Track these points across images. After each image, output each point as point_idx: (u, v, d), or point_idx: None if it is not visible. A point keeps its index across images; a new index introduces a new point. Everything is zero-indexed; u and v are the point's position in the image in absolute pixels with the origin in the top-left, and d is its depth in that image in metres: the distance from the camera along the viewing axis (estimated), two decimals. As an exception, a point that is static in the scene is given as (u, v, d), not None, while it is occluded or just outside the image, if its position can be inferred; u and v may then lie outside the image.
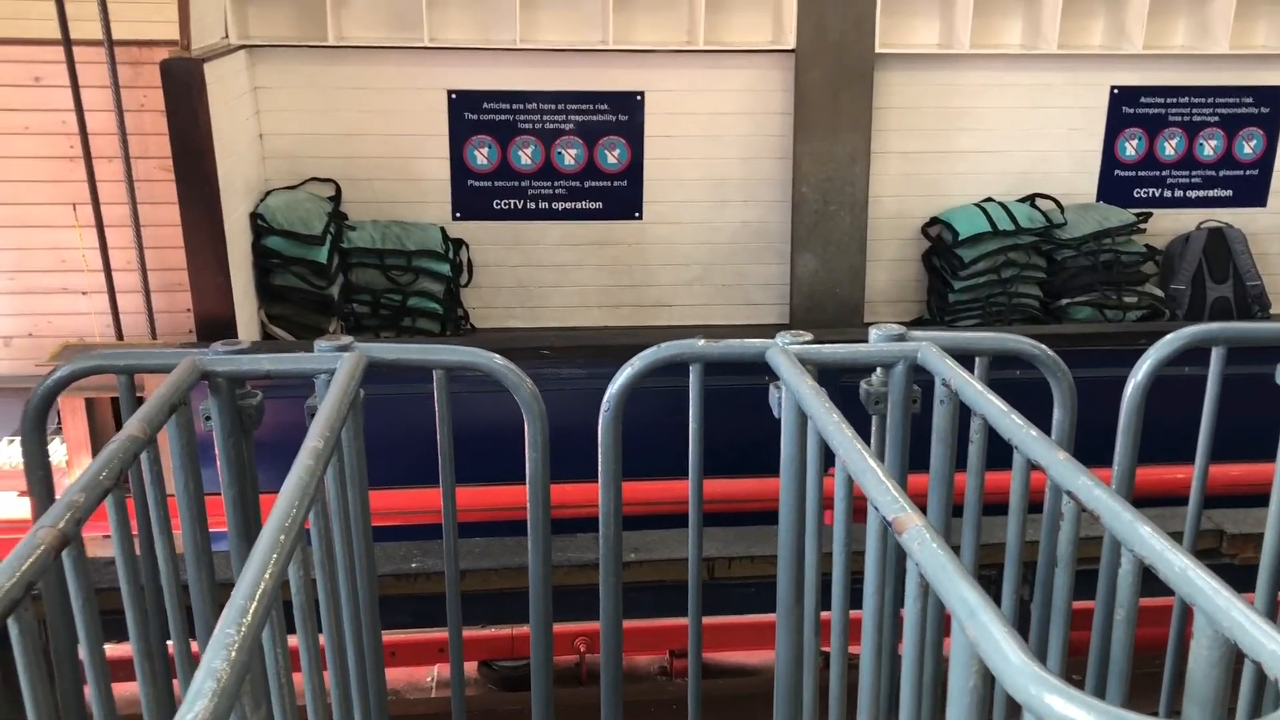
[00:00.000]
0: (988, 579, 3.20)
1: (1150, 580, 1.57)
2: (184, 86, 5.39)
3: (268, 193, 6.67)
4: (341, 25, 6.74)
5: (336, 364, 2.11)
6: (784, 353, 2.12)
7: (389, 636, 2.64)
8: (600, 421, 2.34)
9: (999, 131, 7.32)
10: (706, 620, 2.63)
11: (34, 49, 7.01)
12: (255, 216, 6.35)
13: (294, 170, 6.89)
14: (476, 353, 2.33)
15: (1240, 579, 2.10)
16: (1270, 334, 2.67)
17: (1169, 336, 2.45)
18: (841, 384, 2.44)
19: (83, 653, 1.73)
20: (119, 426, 5.75)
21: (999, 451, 2.07)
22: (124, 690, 2.15)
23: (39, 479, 2.23)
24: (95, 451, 5.35)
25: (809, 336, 2.23)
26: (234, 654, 1.18)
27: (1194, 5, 7.30)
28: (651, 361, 2.31)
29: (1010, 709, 2.16)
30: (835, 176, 6.88)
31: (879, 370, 2.25)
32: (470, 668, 4.46)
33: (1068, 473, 1.72)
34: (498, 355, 2.36)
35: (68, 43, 6.50)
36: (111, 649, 1.87)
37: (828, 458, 1.96)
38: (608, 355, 5.81)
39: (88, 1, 6.65)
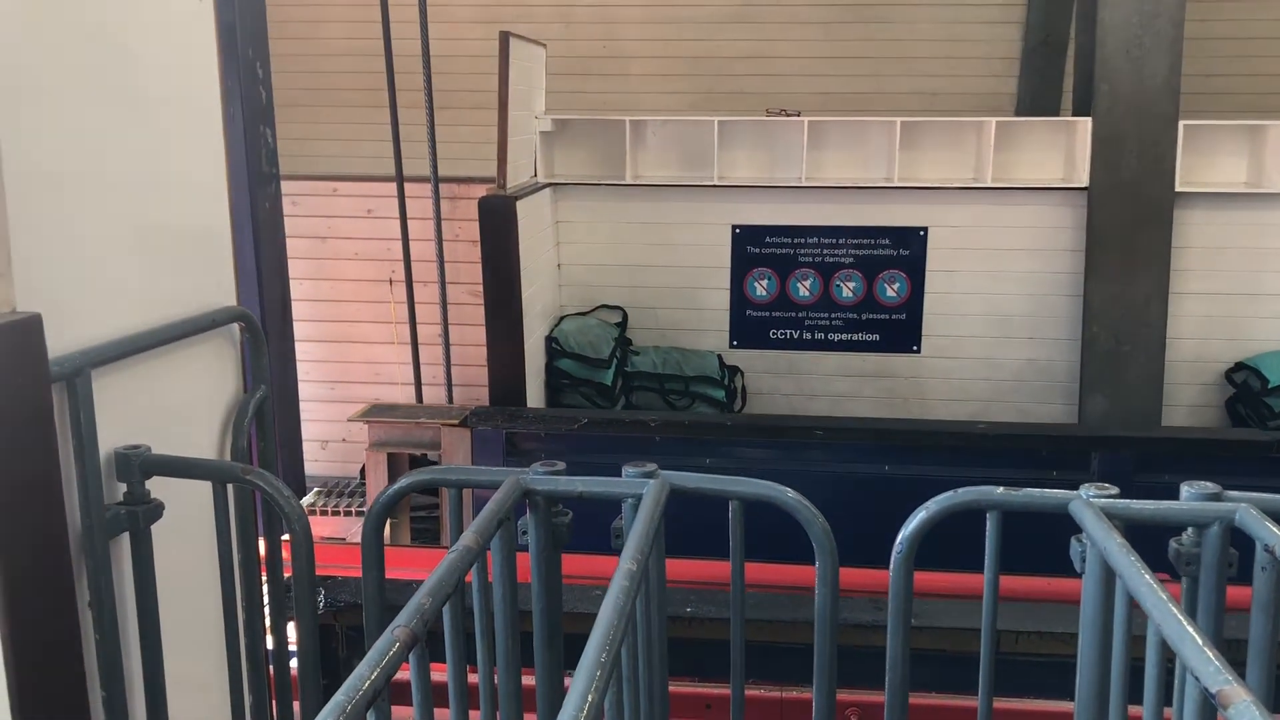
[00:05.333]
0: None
1: None
2: (499, 221, 5.91)
3: (562, 317, 7.13)
4: (638, 165, 7.20)
5: (643, 489, 2.25)
6: (1089, 506, 2.08)
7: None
8: (892, 563, 2.35)
9: (1315, 273, 6.84)
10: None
11: (369, 185, 7.90)
12: (550, 340, 6.79)
13: (586, 297, 7.34)
14: (772, 486, 2.42)
15: None
16: None
17: None
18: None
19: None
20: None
21: None
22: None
23: (374, 578, 2.49)
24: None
25: (1115, 490, 2.17)
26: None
27: None
28: (946, 506, 2.30)
29: None
30: (1129, 316, 6.61)
31: (1190, 529, 2.16)
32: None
33: None
34: (790, 490, 2.44)
35: (400, 180, 7.29)
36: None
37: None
38: (877, 438, 5.81)
39: (416, 143, 7.47)
